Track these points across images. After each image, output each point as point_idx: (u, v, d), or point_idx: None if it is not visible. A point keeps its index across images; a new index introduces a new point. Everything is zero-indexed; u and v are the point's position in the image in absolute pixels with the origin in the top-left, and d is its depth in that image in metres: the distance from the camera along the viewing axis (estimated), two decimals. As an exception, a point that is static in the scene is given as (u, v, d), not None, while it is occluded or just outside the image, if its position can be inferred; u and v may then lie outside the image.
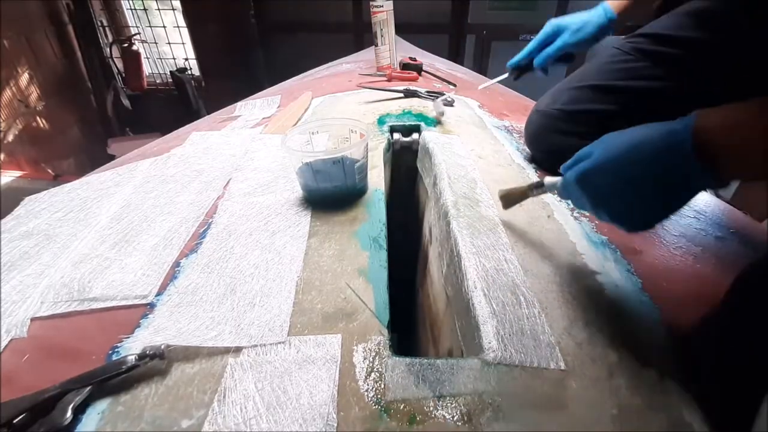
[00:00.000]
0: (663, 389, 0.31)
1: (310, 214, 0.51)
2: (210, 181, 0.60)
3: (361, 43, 2.58)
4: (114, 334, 0.36)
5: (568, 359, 0.33)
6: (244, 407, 0.29)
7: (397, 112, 0.81)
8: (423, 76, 1.11)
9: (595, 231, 0.48)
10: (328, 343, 0.34)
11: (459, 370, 0.32)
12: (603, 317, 0.37)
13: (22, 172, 2.13)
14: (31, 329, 0.37)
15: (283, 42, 2.76)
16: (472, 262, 0.42)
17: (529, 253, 0.44)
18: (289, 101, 0.94)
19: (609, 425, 0.28)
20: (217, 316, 0.37)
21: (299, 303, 0.38)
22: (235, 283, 0.41)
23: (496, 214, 0.50)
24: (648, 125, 0.34)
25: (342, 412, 0.29)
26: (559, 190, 0.41)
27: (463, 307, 0.39)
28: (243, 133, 0.78)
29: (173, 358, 0.33)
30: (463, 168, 0.60)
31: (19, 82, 2.19)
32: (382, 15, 1.06)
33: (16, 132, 2.18)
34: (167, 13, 2.75)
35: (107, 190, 0.60)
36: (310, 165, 0.51)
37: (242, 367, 0.32)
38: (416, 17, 2.47)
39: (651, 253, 0.45)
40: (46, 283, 0.42)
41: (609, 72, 0.54)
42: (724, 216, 0.54)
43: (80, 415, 0.29)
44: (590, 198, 0.36)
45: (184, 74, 2.79)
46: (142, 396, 0.30)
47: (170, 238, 0.48)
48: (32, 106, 2.28)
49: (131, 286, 0.41)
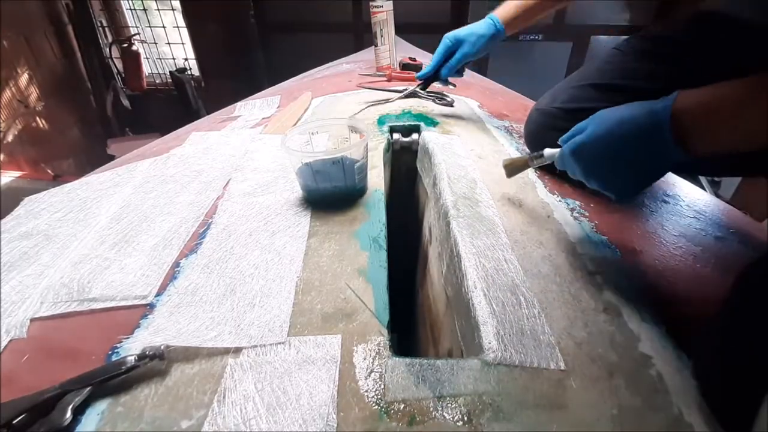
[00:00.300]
0: (663, 389, 0.31)
1: (310, 214, 0.51)
2: (210, 182, 0.60)
3: (360, 44, 2.58)
4: (113, 334, 0.36)
5: (567, 359, 0.33)
6: (244, 408, 0.29)
7: (396, 113, 0.81)
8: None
9: (595, 231, 0.48)
10: (327, 343, 0.34)
11: (459, 370, 0.32)
12: (602, 317, 0.37)
13: (22, 172, 2.13)
14: (31, 330, 0.37)
15: (283, 42, 2.76)
16: (471, 263, 0.42)
17: (529, 253, 0.44)
18: (288, 101, 0.94)
19: (609, 425, 0.28)
20: (216, 316, 0.37)
21: (299, 303, 0.38)
22: (234, 283, 0.41)
23: (495, 215, 0.50)
24: (635, 103, 0.38)
25: (342, 413, 0.29)
26: (557, 160, 0.45)
27: (463, 307, 0.39)
28: (243, 134, 0.78)
29: (173, 359, 0.33)
30: (462, 168, 0.60)
31: (19, 83, 2.19)
32: (381, 15, 1.06)
33: (15, 132, 2.18)
34: (167, 14, 2.75)
35: (107, 191, 0.60)
36: (310, 165, 0.51)
37: (242, 368, 0.32)
38: (416, 17, 2.47)
39: (651, 253, 0.45)
40: (46, 284, 0.42)
41: (608, 71, 0.54)
42: (723, 216, 0.54)
43: (80, 416, 0.29)
44: (582, 168, 0.41)
45: (184, 74, 2.79)
46: (142, 396, 0.30)
47: (170, 238, 0.48)
48: (32, 107, 2.28)
49: (131, 286, 0.41)
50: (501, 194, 0.54)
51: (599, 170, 0.40)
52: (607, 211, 0.52)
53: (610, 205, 0.54)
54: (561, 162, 0.44)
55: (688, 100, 0.34)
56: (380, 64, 1.14)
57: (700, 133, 0.34)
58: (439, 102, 0.86)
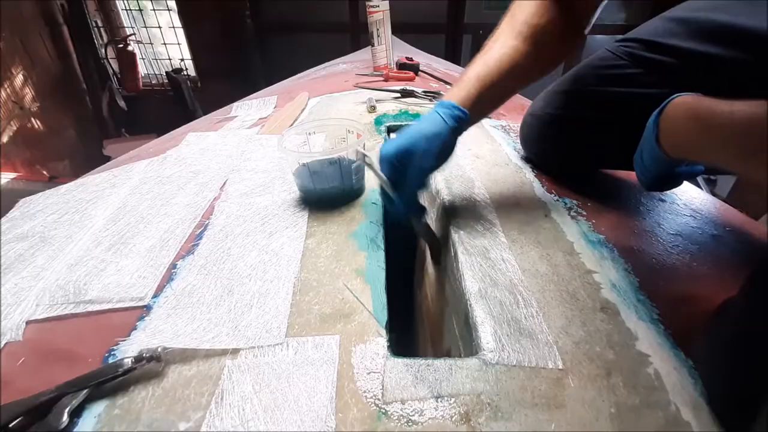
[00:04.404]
0: (660, 387, 0.31)
1: (307, 214, 0.51)
2: (206, 182, 0.60)
3: (357, 44, 2.58)
4: (110, 336, 0.35)
5: (565, 358, 0.33)
6: (242, 409, 0.29)
7: (394, 113, 0.81)
8: (420, 76, 1.11)
9: (592, 230, 0.48)
10: (326, 344, 0.34)
11: (457, 370, 0.32)
12: (600, 316, 0.37)
13: (17, 173, 2.11)
14: (27, 332, 0.37)
15: (280, 42, 2.76)
16: (469, 262, 0.42)
17: (527, 253, 0.44)
18: (285, 102, 0.94)
19: (607, 424, 0.28)
20: (214, 317, 0.37)
21: (297, 304, 0.38)
22: (232, 284, 0.41)
23: (493, 214, 0.50)
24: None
25: (340, 414, 0.29)
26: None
27: (461, 307, 0.39)
28: (240, 134, 0.77)
29: (170, 361, 0.33)
30: (460, 168, 0.60)
31: (14, 84, 2.17)
32: (378, 15, 1.06)
33: (10, 134, 2.16)
34: (162, 14, 2.74)
35: (103, 192, 0.60)
36: (307, 166, 0.51)
37: (240, 369, 0.32)
38: (413, 17, 2.48)
39: (648, 252, 0.45)
40: (42, 286, 0.42)
41: (601, 78, 0.53)
42: (720, 214, 0.54)
43: (76, 419, 0.29)
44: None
45: (180, 75, 2.79)
46: (139, 399, 0.30)
47: (167, 239, 0.48)
48: (27, 108, 2.26)
49: (127, 288, 0.41)
50: (499, 193, 0.55)
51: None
52: (604, 210, 0.52)
53: (608, 204, 0.54)
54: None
55: (673, 108, 0.38)
56: (377, 64, 1.14)
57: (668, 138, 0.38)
58: (437, 101, 0.86)
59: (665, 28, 0.49)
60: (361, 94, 0.93)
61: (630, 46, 0.52)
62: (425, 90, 0.91)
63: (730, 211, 0.56)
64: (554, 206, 0.53)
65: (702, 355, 0.33)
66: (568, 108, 0.56)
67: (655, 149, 0.40)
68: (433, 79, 1.11)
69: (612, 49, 0.54)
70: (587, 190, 0.57)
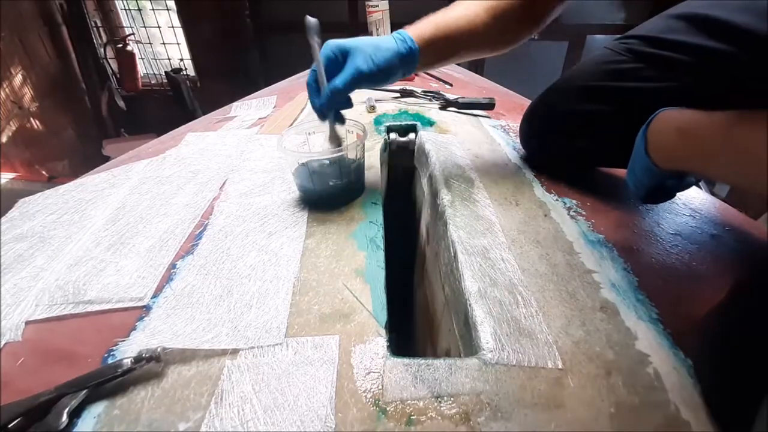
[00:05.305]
0: (660, 387, 0.31)
1: (307, 214, 0.51)
2: (206, 182, 0.60)
3: (357, 43, 2.57)
4: (109, 337, 0.35)
5: (565, 358, 0.33)
6: (242, 410, 0.29)
7: (393, 112, 0.81)
8: (419, 76, 1.11)
9: (592, 230, 0.48)
10: (325, 344, 0.34)
11: (457, 370, 0.32)
12: (599, 315, 0.37)
13: (16, 173, 2.11)
14: (26, 332, 0.37)
15: (279, 42, 2.76)
16: (469, 262, 0.42)
17: (526, 252, 0.44)
18: (285, 101, 0.94)
19: (606, 424, 0.28)
20: (213, 318, 0.37)
21: (296, 304, 0.38)
22: (231, 284, 0.41)
23: (492, 214, 0.50)
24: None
25: (340, 414, 0.29)
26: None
27: (460, 306, 0.39)
28: (239, 134, 0.77)
29: (169, 361, 0.33)
30: (459, 167, 0.60)
31: (13, 83, 2.17)
32: (377, 15, 1.06)
33: (9, 134, 2.16)
34: (162, 13, 2.74)
35: (102, 192, 0.59)
36: (307, 165, 0.51)
37: (239, 370, 0.32)
38: (412, 17, 2.46)
39: (647, 252, 0.45)
40: (41, 286, 0.42)
41: (601, 73, 0.53)
42: (719, 214, 0.54)
43: (76, 419, 0.29)
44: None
45: (179, 74, 2.79)
46: (139, 399, 0.30)
47: (166, 239, 0.48)
48: (26, 108, 2.26)
49: (127, 288, 0.41)
50: (498, 193, 0.55)
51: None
52: (603, 210, 0.52)
53: (607, 204, 0.54)
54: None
55: (660, 122, 0.40)
56: (377, 64, 1.14)
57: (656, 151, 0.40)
58: (436, 101, 0.87)
59: (665, 25, 0.50)
60: (361, 93, 0.93)
61: (630, 42, 0.52)
62: (425, 90, 0.91)
63: (729, 210, 0.56)
64: (554, 206, 0.53)
65: (701, 355, 0.33)
66: (568, 103, 0.57)
67: (645, 159, 0.41)
68: (432, 78, 1.11)
69: (612, 46, 0.54)
70: (586, 189, 0.57)
